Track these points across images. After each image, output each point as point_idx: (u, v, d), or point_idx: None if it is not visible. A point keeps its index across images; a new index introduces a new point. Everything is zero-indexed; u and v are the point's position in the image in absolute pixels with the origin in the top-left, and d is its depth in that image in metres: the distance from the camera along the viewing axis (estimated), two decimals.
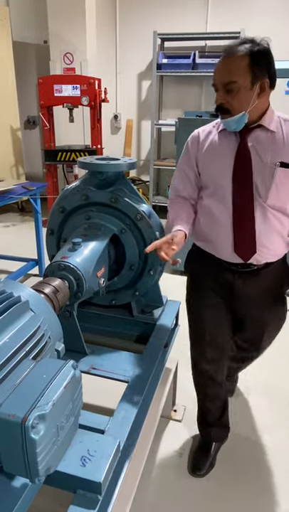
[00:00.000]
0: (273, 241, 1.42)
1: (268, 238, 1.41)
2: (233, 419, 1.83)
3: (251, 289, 1.50)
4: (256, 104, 1.27)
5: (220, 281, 1.52)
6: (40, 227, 3.49)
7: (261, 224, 1.38)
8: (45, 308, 1.01)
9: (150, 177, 5.29)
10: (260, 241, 1.40)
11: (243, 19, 4.64)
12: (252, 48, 1.23)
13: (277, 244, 1.44)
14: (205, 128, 1.48)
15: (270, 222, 1.39)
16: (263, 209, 1.37)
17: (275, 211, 1.39)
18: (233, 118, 1.28)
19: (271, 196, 1.35)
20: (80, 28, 4.88)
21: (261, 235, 1.39)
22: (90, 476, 0.93)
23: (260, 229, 1.39)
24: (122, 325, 1.73)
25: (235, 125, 1.30)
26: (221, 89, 1.27)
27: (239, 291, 1.51)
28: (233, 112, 1.27)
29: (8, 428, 0.69)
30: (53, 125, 4.75)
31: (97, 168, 1.53)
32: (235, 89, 1.24)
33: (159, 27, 4.83)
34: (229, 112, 1.28)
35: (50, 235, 1.69)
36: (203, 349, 1.63)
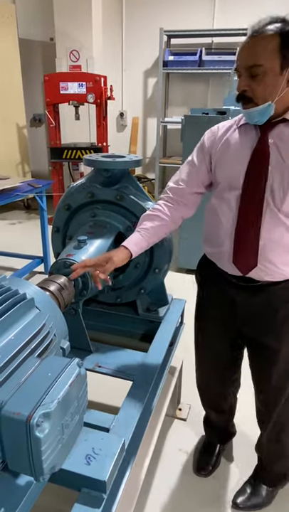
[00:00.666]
0: (282, 258, 1.20)
1: (276, 253, 1.19)
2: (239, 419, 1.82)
3: (255, 308, 1.29)
4: (284, 94, 1.07)
5: (222, 296, 1.35)
6: (46, 224, 3.50)
7: (268, 233, 1.18)
8: (51, 305, 1.01)
9: (156, 175, 5.28)
10: (264, 254, 1.20)
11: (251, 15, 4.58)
12: (283, 27, 1.04)
13: (284, 261, 1.20)
14: (225, 123, 1.30)
15: (280, 233, 1.17)
16: (274, 216, 1.16)
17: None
18: (256, 108, 1.09)
19: (287, 202, 1.14)
20: (86, 26, 4.87)
21: (267, 247, 1.19)
22: (94, 474, 0.93)
23: (267, 239, 1.18)
24: (127, 323, 1.73)
25: (258, 117, 1.11)
26: (244, 74, 1.07)
27: (241, 309, 1.32)
28: (256, 101, 1.08)
29: (13, 426, 0.69)
30: (58, 123, 4.75)
31: (103, 165, 1.53)
32: (260, 73, 1.04)
33: (166, 24, 4.81)
34: (252, 100, 1.09)
35: (56, 233, 1.69)
36: (206, 370, 1.60)
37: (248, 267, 1.22)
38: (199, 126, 3.23)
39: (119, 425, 1.14)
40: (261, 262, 1.21)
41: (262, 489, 1.58)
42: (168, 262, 1.64)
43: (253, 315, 1.31)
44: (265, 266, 1.21)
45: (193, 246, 3.52)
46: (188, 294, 1.87)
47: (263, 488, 1.58)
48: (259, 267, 1.21)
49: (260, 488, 1.59)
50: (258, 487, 1.59)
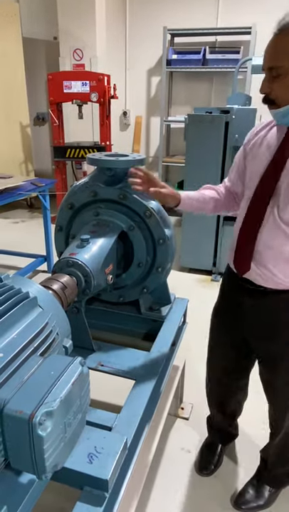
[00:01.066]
0: (277, 265, 1.18)
1: (273, 260, 1.18)
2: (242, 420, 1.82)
3: (261, 314, 1.29)
4: None
5: (234, 300, 1.37)
6: (49, 223, 3.50)
7: (267, 239, 1.17)
8: (54, 304, 1.01)
9: (159, 174, 5.27)
10: (260, 260, 1.19)
11: (255, 14, 4.58)
12: None
13: (281, 270, 1.18)
14: (267, 120, 1.27)
15: (279, 241, 1.16)
16: (275, 223, 1.15)
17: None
18: (279, 110, 1.07)
19: (288, 210, 1.12)
20: (89, 24, 4.87)
21: (264, 252, 1.18)
22: (96, 473, 0.93)
23: (265, 245, 1.18)
24: (130, 322, 1.73)
25: (282, 119, 1.10)
26: (266, 75, 1.07)
27: (246, 312, 1.32)
28: (279, 103, 1.06)
29: (16, 424, 0.69)
30: (62, 122, 4.75)
31: (106, 164, 1.52)
32: (282, 74, 1.02)
33: (169, 22, 4.80)
34: (275, 102, 1.07)
35: (59, 232, 1.69)
36: (214, 373, 1.66)
37: (243, 268, 1.24)
38: (203, 125, 3.24)
39: (122, 424, 1.14)
40: (258, 266, 1.21)
41: (265, 490, 1.58)
42: (171, 261, 1.64)
43: (259, 321, 1.31)
44: (261, 271, 1.21)
45: (195, 245, 3.52)
46: (190, 294, 1.87)
47: (265, 489, 1.58)
48: (255, 270, 1.22)
49: (263, 489, 1.58)
50: (260, 488, 1.58)
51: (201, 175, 3.29)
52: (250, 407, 1.74)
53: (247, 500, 1.56)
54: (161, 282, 1.68)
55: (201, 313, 2.84)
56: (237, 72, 3.92)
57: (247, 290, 1.28)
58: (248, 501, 1.56)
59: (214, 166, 3.25)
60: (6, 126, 4.99)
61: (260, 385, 1.46)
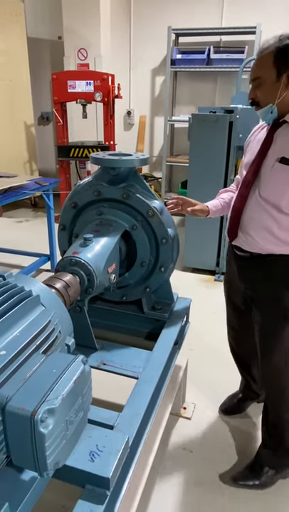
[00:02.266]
0: (259, 234, 1.45)
1: (254, 229, 1.46)
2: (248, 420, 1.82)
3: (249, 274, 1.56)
4: (284, 98, 1.33)
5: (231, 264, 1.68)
6: (53, 222, 3.51)
7: (250, 212, 1.46)
8: (56, 303, 1.01)
9: (162, 173, 5.27)
10: (246, 229, 1.48)
11: (259, 14, 4.57)
12: (278, 44, 1.30)
13: (262, 237, 1.44)
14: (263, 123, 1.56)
15: (259, 214, 1.44)
16: (256, 199, 1.44)
17: (268, 205, 1.41)
18: (260, 110, 1.39)
19: (265, 188, 1.41)
20: (94, 24, 4.87)
21: (249, 223, 1.47)
22: (98, 471, 0.93)
23: (249, 217, 1.46)
24: (133, 321, 1.73)
25: (264, 117, 1.41)
26: (252, 85, 1.40)
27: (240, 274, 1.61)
28: (261, 105, 1.38)
29: (18, 421, 0.69)
30: (66, 121, 4.76)
31: (110, 163, 1.53)
32: (260, 84, 1.35)
33: (174, 22, 4.79)
34: (259, 105, 1.39)
35: (62, 231, 1.69)
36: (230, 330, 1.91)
37: (233, 235, 1.54)
38: (207, 125, 3.23)
39: (124, 423, 1.14)
40: (243, 234, 1.49)
41: (263, 471, 1.65)
42: (173, 261, 1.64)
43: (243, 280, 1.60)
44: (246, 237, 1.49)
45: (199, 245, 3.52)
46: (193, 293, 1.87)
47: (263, 470, 1.65)
48: (241, 237, 1.50)
49: (261, 469, 1.66)
50: (259, 468, 1.66)
51: (205, 174, 3.29)
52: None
53: (244, 476, 1.66)
54: (164, 282, 1.68)
55: (203, 313, 2.85)
56: (241, 71, 3.91)
57: (238, 256, 1.58)
58: (245, 477, 1.66)
59: (218, 166, 3.24)
60: (10, 126, 5.01)
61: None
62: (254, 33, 4.43)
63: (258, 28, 4.38)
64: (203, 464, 1.75)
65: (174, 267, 1.67)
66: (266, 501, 1.60)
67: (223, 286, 1.82)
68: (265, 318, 1.55)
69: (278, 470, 1.66)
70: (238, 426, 1.94)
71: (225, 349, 2.05)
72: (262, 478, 1.64)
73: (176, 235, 1.62)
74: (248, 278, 1.58)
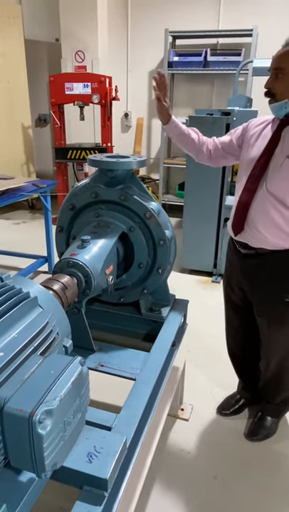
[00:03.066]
0: (268, 229, 1.48)
1: (263, 224, 1.48)
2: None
3: (253, 272, 1.60)
4: None
5: (232, 261, 1.71)
6: (50, 224, 3.51)
7: (258, 207, 1.48)
8: (54, 304, 1.02)
9: (160, 175, 5.29)
10: (253, 223, 1.50)
11: (256, 16, 4.60)
12: None
13: (269, 232, 1.48)
14: (267, 117, 1.58)
15: (267, 209, 1.47)
16: (264, 194, 1.47)
17: (276, 201, 1.45)
18: (275, 104, 1.40)
19: (273, 184, 1.44)
20: (91, 26, 4.88)
21: (256, 217, 1.49)
22: (96, 472, 0.93)
23: (256, 211, 1.49)
24: (130, 322, 1.74)
25: (277, 111, 1.42)
26: (271, 74, 1.39)
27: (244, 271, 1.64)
28: (277, 98, 1.38)
29: (16, 422, 0.70)
30: (63, 123, 4.77)
31: (107, 165, 1.53)
32: (282, 75, 1.35)
33: (171, 25, 4.82)
34: (274, 97, 1.39)
35: (60, 232, 1.69)
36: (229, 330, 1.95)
37: (238, 229, 1.55)
38: (204, 127, 3.23)
39: (121, 424, 1.14)
40: (250, 228, 1.52)
41: (267, 422, 1.88)
42: (171, 263, 1.65)
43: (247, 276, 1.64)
44: (252, 232, 1.51)
45: (196, 247, 3.53)
46: (191, 295, 1.88)
47: (267, 421, 1.88)
48: (248, 231, 1.53)
49: (266, 421, 1.88)
50: (264, 420, 1.88)
51: (202, 176, 3.30)
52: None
53: (255, 432, 1.86)
54: (162, 283, 1.69)
55: (201, 315, 2.85)
56: (238, 74, 3.93)
57: (244, 255, 1.60)
58: (256, 433, 1.86)
59: (215, 168, 3.25)
60: (7, 128, 5.01)
61: None
62: (251, 35, 4.46)
63: (254, 31, 4.41)
64: (201, 465, 1.75)
65: (171, 268, 1.68)
66: (264, 499, 1.60)
67: (221, 287, 1.86)
68: (270, 313, 1.62)
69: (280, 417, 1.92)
70: (235, 427, 1.95)
71: (222, 350, 2.06)
72: (269, 428, 1.87)
73: (173, 237, 1.63)
74: (252, 275, 1.61)
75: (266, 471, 1.73)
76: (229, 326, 1.94)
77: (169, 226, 1.61)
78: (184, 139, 1.71)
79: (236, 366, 2.02)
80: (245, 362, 1.98)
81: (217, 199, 3.30)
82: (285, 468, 1.75)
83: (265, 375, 1.83)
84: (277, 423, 1.92)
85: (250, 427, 1.90)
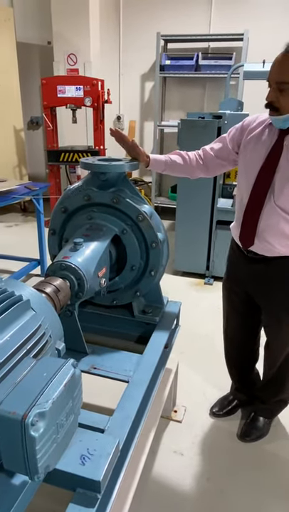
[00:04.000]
0: (276, 239, 1.47)
1: (272, 236, 1.47)
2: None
3: (260, 276, 1.59)
4: None
5: (239, 266, 1.68)
6: (43, 227, 3.50)
7: (267, 221, 1.46)
8: (46, 307, 1.02)
9: (152, 178, 5.30)
10: (262, 236, 1.49)
11: (247, 21, 4.65)
12: None
13: (280, 243, 1.48)
14: (262, 117, 1.51)
15: (275, 221, 1.45)
16: (272, 207, 1.44)
17: (285, 213, 1.43)
18: (280, 117, 1.32)
19: (281, 199, 1.41)
20: (83, 29, 4.89)
21: (265, 231, 1.47)
22: (89, 474, 0.94)
23: (265, 225, 1.47)
24: (123, 325, 1.74)
25: (281, 124, 1.36)
26: (273, 87, 1.28)
27: (251, 276, 1.62)
28: (281, 111, 1.30)
29: (9, 425, 0.70)
30: (56, 126, 4.77)
31: (99, 168, 1.54)
32: (286, 89, 1.25)
33: (163, 28, 4.85)
34: (278, 110, 1.30)
35: (52, 235, 1.69)
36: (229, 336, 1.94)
37: (248, 243, 1.54)
38: (195, 130, 3.26)
39: (114, 426, 1.14)
40: (260, 241, 1.50)
41: (260, 422, 1.90)
42: (163, 265, 1.66)
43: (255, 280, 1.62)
44: (263, 244, 1.50)
45: (189, 249, 3.54)
46: (184, 297, 1.89)
47: (260, 421, 1.90)
48: (258, 244, 1.51)
49: (259, 421, 1.90)
50: (257, 421, 1.90)
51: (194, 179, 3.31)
52: None
53: (248, 433, 1.88)
54: (154, 285, 1.69)
55: (194, 317, 2.87)
56: (229, 77, 3.97)
57: (251, 259, 1.58)
58: (249, 434, 1.87)
59: None
60: (0, 130, 4.99)
61: None
62: (242, 39, 4.50)
63: (245, 35, 4.45)
64: (194, 466, 1.76)
65: (163, 270, 1.69)
66: (256, 500, 1.61)
67: (214, 289, 1.87)
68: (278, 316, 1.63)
69: (273, 417, 1.94)
70: (228, 428, 1.96)
71: (216, 352, 2.07)
72: (262, 428, 1.89)
73: (165, 239, 1.63)
74: (260, 279, 1.60)
75: (259, 472, 1.74)
76: (228, 327, 1.93)
77: (162, 228, 1.62)
78: (172, 168, 1.66)
79: (231, 368, 2.02)
80: (240, 364, 1.99)
81: (209, 201, 3.33)
82: (277, 468, 1.76)
83: (268, 375, 1.83)
84: (270, 424, 1.94)
85: (242, 428, 1.92)
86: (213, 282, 3.48)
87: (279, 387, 1.84)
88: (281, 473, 1.74)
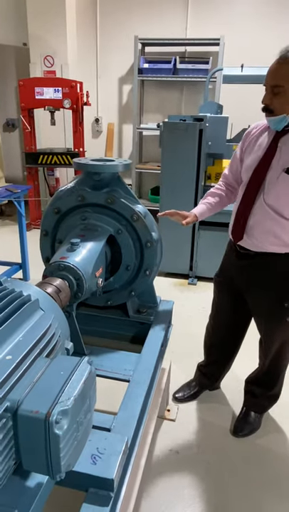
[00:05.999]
0: (264, 236, 1.53)
1: (259, 232, 1.54)
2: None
3: (250, 272, 1.64)
4: None
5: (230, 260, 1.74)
6: (25, 230, 3.45)
7: (255, 217, 1.53)
8: (54, 307, 1.01)
9: (132, 181, 5.31)
10: (251, 232, 1.56)
11: (223, 25, 4.75)
12: None
13: (267, 240, 1.53)
14: (263, 123, 1.57)
15: (264, 219, 1.51)
16: (261, 205, 1.51)
17: (273, 212, 1.49)
18: (274, 118, 1.41)
19: (270, 196, 1.48)
20: (60, 31, 4.87)
21: (254, 227, 1.55)
22: (101, 473, 0.94)
23: (254, 221, 1.54)
24: (117, 325, 1.74)
25: (275, 125, 1.43)
26: (268, 91, 1.39)
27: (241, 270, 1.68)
28: (275, 113, 1.39)
29: (31, 424, 0.69)
30: (33, 128, 4.71)
31: (94, 169, 1.54)
32: (280, 92, 1.34)
33: (140, 32, 4.88)
34: (273, 112, 1.39)
35: (45, 236, 1.68)
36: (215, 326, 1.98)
37: (238, 238, 1.62)
38: (177, 133, 3.30)
39: (120, 425, 1.14)
40: (249, 237, 1.57)
41: (251, 417, 1.95)
42: (158, 264, 1.67)
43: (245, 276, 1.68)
44: (251, 240, 1.57)
45: (172, 250, 3.56)
46: (168, 297, 1.90)
47: (251, 416, 1.95)
48: (246, 240, 1.59)
49: (250, 416, 1.95)
50: (248, 416, 1.95)
51: (177, 181, 3.35)
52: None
53: (241, 428, 1.92)
54: (148, 285, 1.70)
55: (180, 317, 2.88)
56: (208, 81, 4.04)
57: (240, 254, 1.65)
58: (241, 429, 1.92)
59: (189, 173, 3.32)
60: None
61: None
62: (218, 44, 4.59)
63: (221, 40, 4.55)
64: (190, 464, 1.77)
65: (157, 270, 1.70)
66: (253, 494, 1.64)
67: (196, 290, 1.93)
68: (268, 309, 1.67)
69: (264, 412, 1.99)
70: (220, 424, 1.99)
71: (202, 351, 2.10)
72: (254, 423, 1.94)
73: (159, 239, 1.65)
74: (249, 275, 1.65)
75: (254, 466, 1.77)
76: (215, 321, 1.98)
77: (155, 228, 1.64)
78: (215, 208, 1.78)
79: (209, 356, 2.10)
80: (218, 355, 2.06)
81: (192, 203, 3.37)
82: (271, 461, 1.80)
83: (261, 369, 1.89)
84: (261, 418, 1.98)
85: (235, 424, 1.96)
86: (197, 282, 3.52)
87: (271, 381, 1.89)
88: (274, 466, 1.78)
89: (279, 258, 1.56)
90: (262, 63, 3.30)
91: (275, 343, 1.74)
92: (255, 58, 3.80)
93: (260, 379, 1.92)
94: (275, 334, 1.72)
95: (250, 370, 1.99)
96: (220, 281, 1.87)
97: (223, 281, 1.85)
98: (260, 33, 4.61)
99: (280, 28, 4.55)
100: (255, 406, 1.97)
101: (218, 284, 1.90)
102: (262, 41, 4.46)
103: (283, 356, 1.81)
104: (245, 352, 2.02)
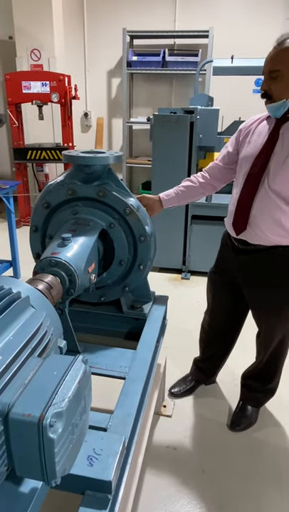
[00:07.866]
0: (268, 226, 1.49)
1: (263, 221, 1.49)
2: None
3: (251, 267, 1.60)
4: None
5: (228, 256, 1.70)
6: (14, 227, 3.39)
7: (259, 204, 1.49)
8: (45, 304, 0.97)
9: (123, 175, 5.26)
10: (254, 221, 1.51)
11: (211, 18, 4.70)
12: None
13: (271, 230, 1.49)
14: (257, 116, 1.59)
15: (268, 206, 1.47)
16: (266, 192, 1.47)
17: (279, 199, 1.45)
18: (273, 104, 1.39)
19: (276, 182, 1.44)
20: (47, 24, 4.78)
21: (257, 216, 1.50)
22: (99, 475, 0.90)
23: (257, 209, 1.49)
24: (111, 322, 1.70)
25: (275, 111, 1.41)
26: (266, 77, 1.38)
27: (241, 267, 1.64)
28: (274, 99, 1.38)
29: (24, 428, 0.65)
30: (21, 123, 4.63)
31: (85, 161, 1.49)
32: (278, 77, 1.34)
33: (128, 24, 4.82)
34: (271, 98, 1.38)
35: (34, 232, 1.63)
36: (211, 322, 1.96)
37: (240, 229, 1.56)
38: (168, 126, 3.26)
39: (117, 424, 1.11)
40: (252, 227, 1.52)
41: (248, 410, 1.94)
42: (152, 258, 1.64)
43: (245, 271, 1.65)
44: (254, 231, 1.52)
45: (165, 245, 3.53)
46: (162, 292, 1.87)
47: (248, 410, 1.94)
48: (249, 231, 1.53)
49: (247, 410, 1.94)
50: (245, 410, 1.94)
51: (168, 175, 3.31)
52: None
53: (238, 422, 1.91)
54: (142, 280, 1.67)
55: (174, 312, 2.85)
56: (198, 73, 4.00)
57: (242, 250, 1.61)
58: (239, 423, 1.91)
59: (181, 166, 3.28)
60: None
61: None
62: (207, 36, 4.55)
63: (210, 32, 4.50)
64: (188, 460, 1.75)
65: (151, 264, 1.66)
66: (252, 487, 1.63)
67: (190, 285, 1.91)
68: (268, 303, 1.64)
69: (260, 406, 1.98)
70: (217, 419, 1.97)
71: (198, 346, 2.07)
72: (251, 417, 1.92)
73: (153, 232, 1.61)
74: (250, 270, 1.61)
75: (251, 460, 1.76)
76: (211, 317, 1.96)
77: (149, 221, 1.60)
78: (185, 195, 1.76)
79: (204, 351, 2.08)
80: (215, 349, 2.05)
81: None
82: (268, 455, 1.79)
83: (258, 363, 1.87)
84: (258, 412, 1.97)
85: (232, 418, 1.94)
86: (190, 277, 3.50)
87: (269, 376, 1.87)
88: (272, 459, 1.77)
89: (281, 250, 1.52)
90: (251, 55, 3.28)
91: (275, 338, 1.72)
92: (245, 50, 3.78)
93: (257, 373, 1.90)
94: (275, 329, 1.70)
95: (245, 363, 1.98)
96: (216, 277, 1.84)
97: (219, 276, 1.82)
98: (249, 24, 4.58)
99: (269, 20, 4.52)
100: (252, 400, 1.95)
101: (213, 280, 1.87)
102: (251, 33, 4.43)
103: (283, 351, 1.79)
104: (240, 345, 2.00)
